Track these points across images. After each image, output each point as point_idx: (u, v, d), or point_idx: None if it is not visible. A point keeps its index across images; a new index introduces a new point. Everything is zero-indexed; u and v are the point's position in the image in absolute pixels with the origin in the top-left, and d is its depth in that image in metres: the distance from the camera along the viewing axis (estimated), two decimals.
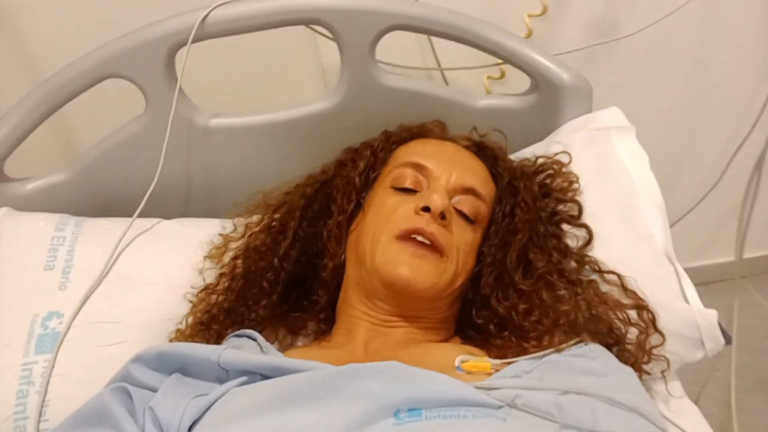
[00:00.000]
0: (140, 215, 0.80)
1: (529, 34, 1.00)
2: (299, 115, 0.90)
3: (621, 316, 0.64)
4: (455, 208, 0.68)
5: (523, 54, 0.84)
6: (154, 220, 0.83)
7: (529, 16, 1.01)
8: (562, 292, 0.66)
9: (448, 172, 0.68)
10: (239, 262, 0.75)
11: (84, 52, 0.80)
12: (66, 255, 0.76)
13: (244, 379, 0.56)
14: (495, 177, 0.74)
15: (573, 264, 0.70)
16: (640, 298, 0.66)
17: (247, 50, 0.99)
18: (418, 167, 0.69)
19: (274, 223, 0.76)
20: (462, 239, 0.66)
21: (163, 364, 0.59)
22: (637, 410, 0.52)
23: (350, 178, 0.75)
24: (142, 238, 0.80)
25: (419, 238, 0.63)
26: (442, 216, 0.64)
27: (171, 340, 0.71)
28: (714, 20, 1.15)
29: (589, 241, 0.72)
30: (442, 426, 0.47)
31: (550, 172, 0.76)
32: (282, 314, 0.75)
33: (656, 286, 0.67)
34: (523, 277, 0.67)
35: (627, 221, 0.73)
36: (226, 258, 0.76)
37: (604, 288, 0.68)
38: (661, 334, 0.65)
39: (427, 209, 0.64)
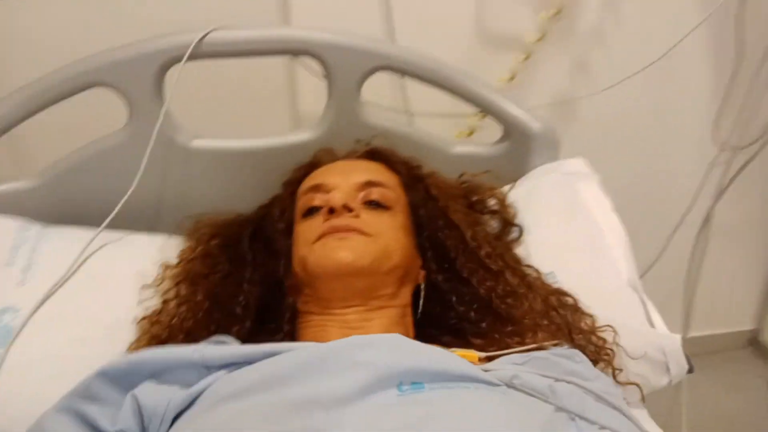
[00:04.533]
0: (108, 227, 0.78)
1: (512, 78, 1.12)
2: (280, 144, 0.92)
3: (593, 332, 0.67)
4: (364, 202, 0.70)
5: (499, 104, 0.91)
6: (123, 233, 0.81)
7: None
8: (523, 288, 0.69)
9: (343, 178, 0.71)
10: (183, 287, 0.72)
11: None
12: (29, 253, 0.73)
13: (232, 366, 0.54)
14: (394, 170, 0.77)
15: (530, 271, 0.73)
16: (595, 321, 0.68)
17: (231, 76, 1.02)
18: (316, 188, 0.72)
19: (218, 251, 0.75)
20: (381, 222, 0.68)
21: (132, 376, 0.56)
22: (620, 410, 0.53)
23: (275, 228, 0.76)
24: (111, 244, 0.78)
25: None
26: (349, 210, 0.66)
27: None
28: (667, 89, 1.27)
29: (519, 235, 0.77)
30: (446, 396, 0.48)
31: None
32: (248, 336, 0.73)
33: (623, 313, 0.71)
34: (487, 256, 0.70)
35: (593, 257, 0.77)
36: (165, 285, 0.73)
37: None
38: (627, 353, 0.67)
39: (332, 210, 0.66)
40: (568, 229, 0.80)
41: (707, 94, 1.29)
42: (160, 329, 0.67)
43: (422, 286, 0.71)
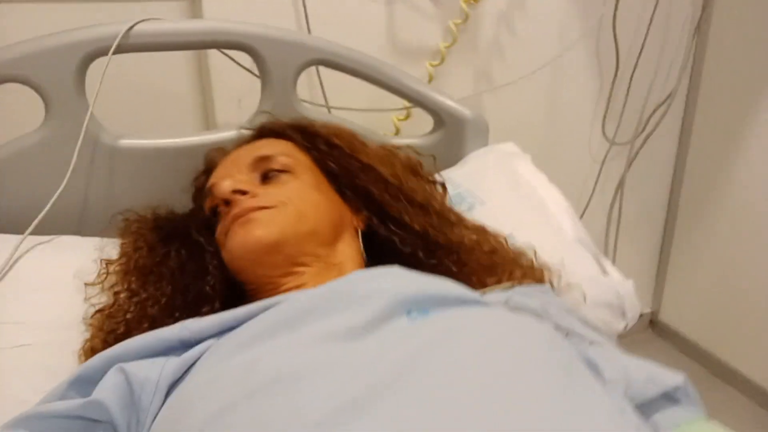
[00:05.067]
0: (32, 233, 0.71)
1: (430, 79, 1.16)
2: (211, 141, 0.88)
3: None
4: (262, 178, 0.67)
5: (432, 96, 0.95)
6: (52, 237, 0.73)
7: (431, 64, 1.17)
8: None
9: (232, 167, 0.69)
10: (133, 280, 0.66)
11: None
12: None
13: (220, 334, 0.51)
14: (286, 138, 0.74)
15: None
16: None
17: (151, 71, 0.97)
18: (210, 190, 0.68)
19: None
20: (285, 190, 0.65)
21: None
22: (599, 330, 0.57)
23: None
24: (41, 247, 0.70)
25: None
26: (242, 192, 0.64)
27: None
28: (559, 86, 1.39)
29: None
30: (456, 317, 0.48)
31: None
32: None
33: (578, 266, 0.75)
34: (411, 190, 0.69)
35: (542, 222, 0.82)
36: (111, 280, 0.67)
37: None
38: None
39: (226, 202, 0.64)
40: (516, 199, 0.84)
41: (595, 95, 1.44)
42: (116, 323, 0.60)
43: (359, 233, 0.70)
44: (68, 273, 0.66)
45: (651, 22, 1.38)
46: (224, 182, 0.64)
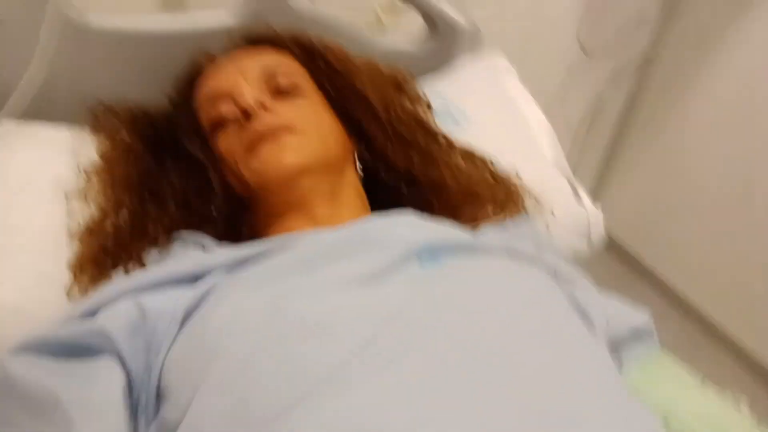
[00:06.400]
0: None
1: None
2: (195, 28, 0.82)
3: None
4: (273, 94, 0.65)
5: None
6: (20, 122, 0.69)
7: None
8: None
9: (238, 74, 0.65)
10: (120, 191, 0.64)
11: None
12: None
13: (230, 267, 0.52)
14: (285, 49, 0.72)
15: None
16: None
17: None
18: (216, 97, 0.65)
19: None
20: (300, 111, 0.64)
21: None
22: (576, 268, 0.63)
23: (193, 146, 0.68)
24: (10, 136, 0.67)
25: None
26: (264, 107, 0.62)
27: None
28: None
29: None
30: (466, 262, 0.51)
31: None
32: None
33: (554, 193, 0.79)
34: (399, 123, 0.69)
35: (523, 145, 0.84)
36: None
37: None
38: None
39: (246, 114, 0.62)
40: (501, 119, 0.85)
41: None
42: (110, 240, 0.60)
43: (356, 156, 0.70)
44: (47, 173, 0.64)
45: None
46: (245, 92, 0.61)
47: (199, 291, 0.50)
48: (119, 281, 0.52)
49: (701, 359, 0.64)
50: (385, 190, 0.71)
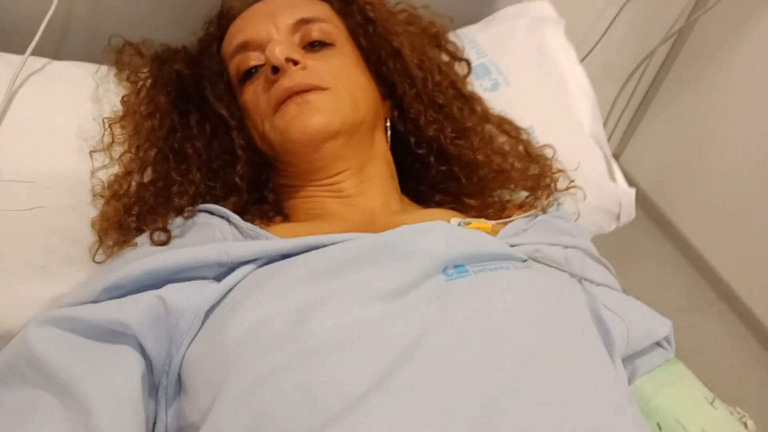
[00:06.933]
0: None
1: None
2: None
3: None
4: (304, 46, 0.62)
5: None
6: (44, 60, 0.67)
7: None
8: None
9: (271, 23, 0.62)
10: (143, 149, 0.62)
11: None
12: None
13: (258, 261, 0.51)
14: None
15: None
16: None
17: None
18: (245, 46, 0.62)
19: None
20: (332, 67, 0.61)
21: (147, 284, 0.51)
22: (605, 266, 0.61)
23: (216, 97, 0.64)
24: (35, 78, 0.64)
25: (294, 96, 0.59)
26: (294, 62, 0.59)
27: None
28: None
29: (467, 73, 0.73)
30: (491, 278, 0.50)
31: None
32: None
33: (589, 170, 0.76)
34: (436, 88, 0.66)
35: (560, 110, 0.80)
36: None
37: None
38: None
39: (275, 69, 0.59)
40: (538, 83, 0.80)
41: None
42: (129, 200, 0.59)
43: (387, 121, 0.67)
44: (69, 118, 0.62)
45: None
46: (276, 47, 0.57)
47: (224, 287, 0.49)
48: (145, 257, 0.51)
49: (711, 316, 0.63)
50: (413, 160, 0.68)
